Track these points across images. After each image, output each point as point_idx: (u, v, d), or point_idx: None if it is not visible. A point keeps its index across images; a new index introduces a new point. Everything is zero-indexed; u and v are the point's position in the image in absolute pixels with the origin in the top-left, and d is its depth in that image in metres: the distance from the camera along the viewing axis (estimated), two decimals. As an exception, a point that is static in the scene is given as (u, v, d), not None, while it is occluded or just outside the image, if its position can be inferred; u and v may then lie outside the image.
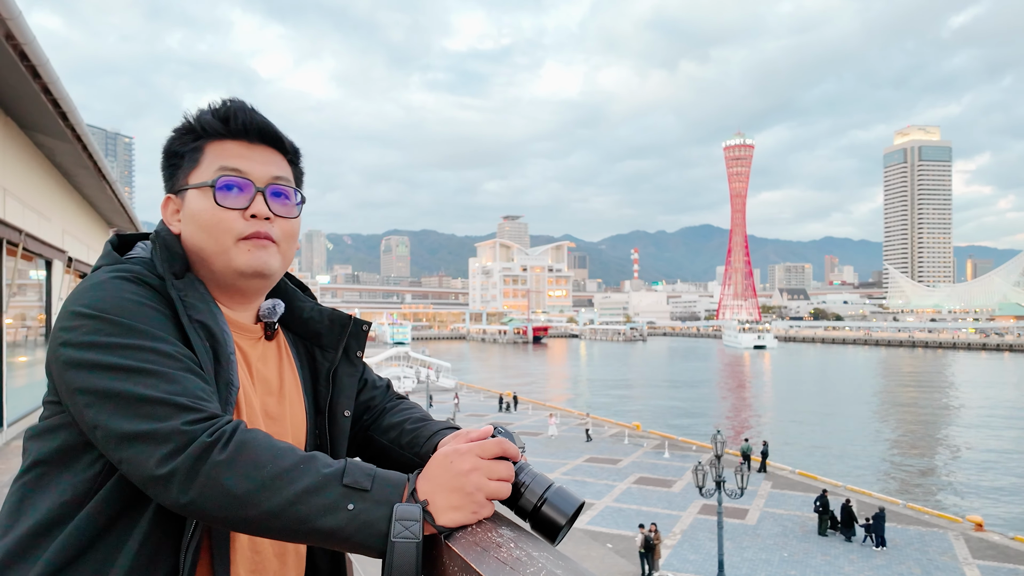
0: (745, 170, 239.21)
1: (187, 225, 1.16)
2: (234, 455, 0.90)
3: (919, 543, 21.10)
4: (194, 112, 1.20)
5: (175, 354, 0.99)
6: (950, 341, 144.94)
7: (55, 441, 1.03)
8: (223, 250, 1.14)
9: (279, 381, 1.24)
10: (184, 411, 0.92)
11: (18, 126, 9.06)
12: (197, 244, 1.15)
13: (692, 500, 24.53)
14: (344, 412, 1.29)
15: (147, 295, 1.04)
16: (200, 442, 0.90)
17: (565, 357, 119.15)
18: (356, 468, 0.96)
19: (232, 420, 0.96)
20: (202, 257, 1.16)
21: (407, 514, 0.93)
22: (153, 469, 0.90)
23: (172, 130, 1.21)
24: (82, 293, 1.03)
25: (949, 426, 46.37)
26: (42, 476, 1.03)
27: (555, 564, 0.87)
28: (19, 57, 6.38)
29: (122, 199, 14.09)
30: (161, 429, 0.91)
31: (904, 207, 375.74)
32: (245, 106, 1.19)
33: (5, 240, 8.65)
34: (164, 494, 0.91)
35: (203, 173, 1.16)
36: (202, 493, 0.89)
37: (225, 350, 1.09)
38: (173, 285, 1.09)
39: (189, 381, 0.97)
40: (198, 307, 1.09)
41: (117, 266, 1.09)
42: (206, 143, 1.17)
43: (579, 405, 52.42)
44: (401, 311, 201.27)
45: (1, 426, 8.94)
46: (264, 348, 1.25)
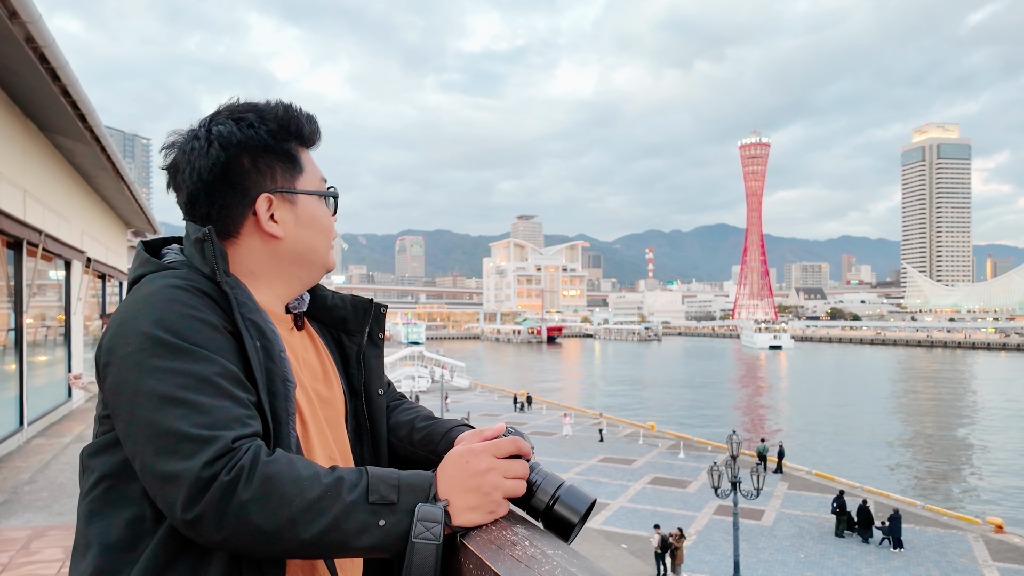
0: (761, 168, 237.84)
1: (302, 228, 1.20)
2: (259, 492, 0.89)
3: (938, 545, 20.89)
4: (270, 108, 1.19)
5: (213, 378, 0.97)
6: (969, 341, 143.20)
7: (117, 455, 1.02)
8: (327, 251, 1.24)
9: (322, 367, 1.27)
10: (208, 446, 0.91)
11: (38, 128, 9.17)
12: (311, 246, 1.22)
13: (707, 501, 24.42)
14: (379, 391, 1.33)
15: (199, 304, 1.03)
16: (220, 483, 0.89)
17: (579, 357, 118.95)
18: (380, 482, 0.96)
19: (251, 446, 0.94)
20: (310, 259, 1.23)
21: (429, 515, 0.94)
22: (180, 514, 0.89)
23: (243, 119, 1.16)
24: (135, 305, 1.02)
25: (968, 427, 45.85)
26: (111, 490, 1.02)
27: (570, 562, 0.87)
28: (39, 60, 6.45)
29: (140, 200, 14.22)
30: (183, 472, 0.89)
31: (922, 205, 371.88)
32: (312, 115, 1.26)
33: (26, 241, 8.76)
34: (196, 536, 0.91)
35: (310, 181, 1.22)
36: (233, 533, 0.89)
37: (276, 347, 1.09)
38: (226, 282, 1.08)
39: (222, 410, 0.95)
40: (248, 305, 1.10)
41: (164, 272, 1.09)
42: (297, 147, 1.22)
43: (593, 405, 52.36)
44: (415, 311, 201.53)
45: (22, 425, 9.06)
46: (300, 337, 1.27)
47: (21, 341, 9.03)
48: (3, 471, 7.55)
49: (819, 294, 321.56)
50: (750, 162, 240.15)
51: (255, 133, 1.15)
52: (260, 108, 1.18)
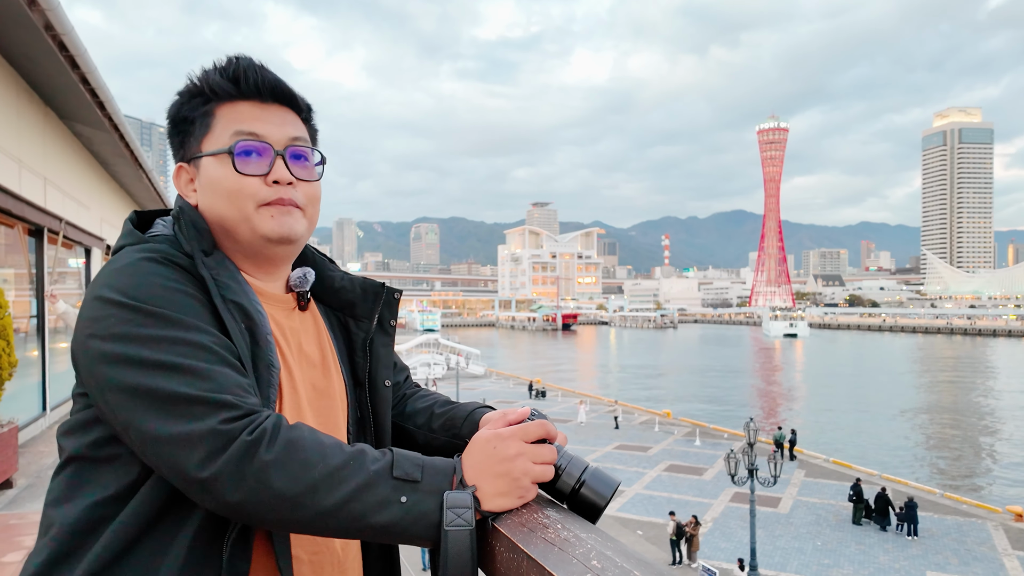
0: (779, 154, 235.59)
1: (205, 195, 1.10)
2: (282, 454, 0.87)
3: (956, 533, 20.75)
4: (198, 72, 1.11)
5: (209, 345, 0.94)
6: (990, 328, 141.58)
7: (90, 435, 0.98)
8: (245, 217, 1.08)
9: (320, 353, 1.20)
10: (220, 409, 0.88)
11: (58, 116, 9.23)
12: (218, 214, 1.09)
13: (724, 488, 24.39)
14: (385, 382, 1.25)
15: (178, 277, 0.98)
16: (241, 442, 0.86)
17: (594, 344, 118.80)
18: (405, 459, 0.94)
19: (271, 414, 0.91)
20: (225, 227, 1.10)
21: (458, 501, 0.92)
22: (195, 472, 0.86)
23: (177, 93, 1.13)
24: (109, 277, 0.97)
25: (988, 415, 45.38)
26: (80, 471, 0.99)
27: (604, 545, 0.86)
28: (58, 48, 6.49)
29: (158, 187, 14.32)
30: (197, 430, 0.86)
31: (943, 191, 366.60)
32: (254, 63, 1.11)
33: (46, 228, 8.84)
34: (209, 498, 0.87)
35: (218, 139, 1.09)
36: (251, 495, 0.86)
37: (262, 330, 1.04)
38: (204, 263, 1.03)
39: (224, 376, 0.92)
40: (231, 286, 1.04)
41: (143, 245, 1.03)
42: (216, 106, 1.10)
43: (609, 392, 52.34)
44: (431, 298, 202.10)
45: (44, 410, 9.19)
46: (300, 319, 1.21)
47: (43, 328, 9.14)
48: (27, 456, 7.67)
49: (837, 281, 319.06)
50: (768, 147, 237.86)
51: (181, 101, 1.12)
52: (204, 71, 1.13)
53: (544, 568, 0.81)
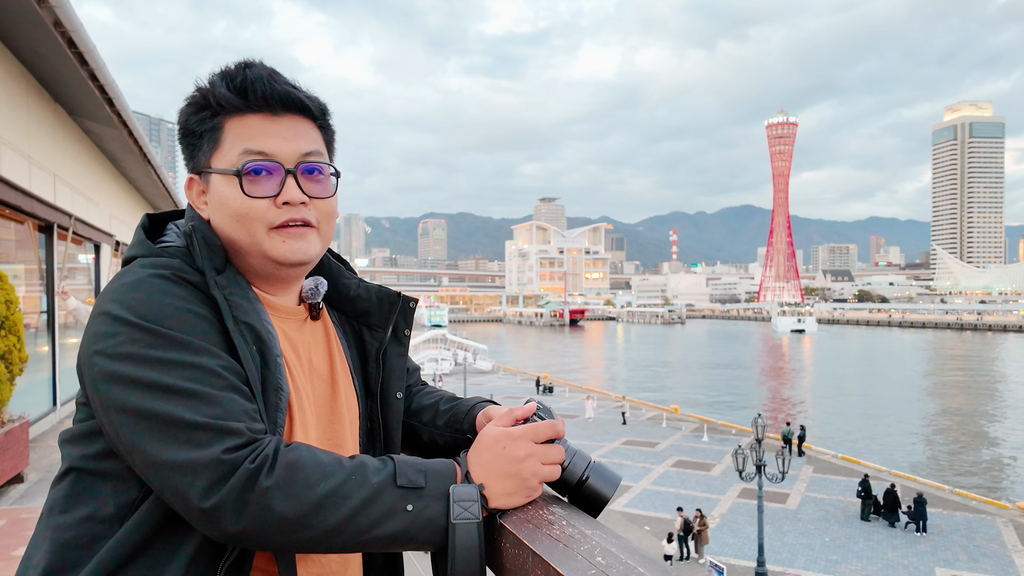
0: (788, 148, 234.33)
1: (216, 212, 1.07)
2: (282, 478, 0.86)
3: (966, 529, 20.65)
4: (205, 80, 1.07)
5: (217, 369, 0.93)
6: (1000, 323, 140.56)
7: (92, 447, 0.98)
8: (255, 242, 1.05)
9: (329, 365, 1.19)
10: (225, 436, 0.87)
11: (67, 113, 9.27)
12: (228, 234, 1.07)
13: (731, 484, 24.34)
14: (396, 394, 1.23)
15: (189, 297, 0.97)
16: (244, 470, 0.85)
17: (602, 340, 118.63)
18: (407, 467, 0.93)
19: (272, 439, 0.91)
20: (235, 248, 1.08)
21: (464, 495, 0.92)
22: (197, 502, 0.85)
23: (185, 101, 1.09)
24: (118, 292, 0.95)
25: (998, 411, 45.11)
26: (79, 484, 0.98)
27: (609, 541, 0.87)
28: (67, 44, 6.51)
29: (166, 183, 14.37)
30: (201, 458, 0.85)
31: (953, 185, 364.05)
32: (263, 73, 1.06)
33: (56, 224, 8.89)
34: (212, 527, 0.86)
35: (226, 156, 1.05)
36: (255, 522, 0.85)
37: (272, 353, 1.03)
38: (216, 283, 1.01)
39: (231, 402, 0.91)
40: (243, 306, 1.02)
41: (154, 259, 1.02)
42: (224, 119, 1.06)
43: (616, 388, 52.28)
44: (438, 294, 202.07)
45: (55, 405, 9.25)
46: (311, 331, 1.19)
47: (53, 323, 9.19)
48: (37, 450, 7.72)
49: (847, 276, 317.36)
50: (777, 142, 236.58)
51: (189, 113, 1.09)
52: (211, 82, 1.08)
53: (549, 564, 0.82)
